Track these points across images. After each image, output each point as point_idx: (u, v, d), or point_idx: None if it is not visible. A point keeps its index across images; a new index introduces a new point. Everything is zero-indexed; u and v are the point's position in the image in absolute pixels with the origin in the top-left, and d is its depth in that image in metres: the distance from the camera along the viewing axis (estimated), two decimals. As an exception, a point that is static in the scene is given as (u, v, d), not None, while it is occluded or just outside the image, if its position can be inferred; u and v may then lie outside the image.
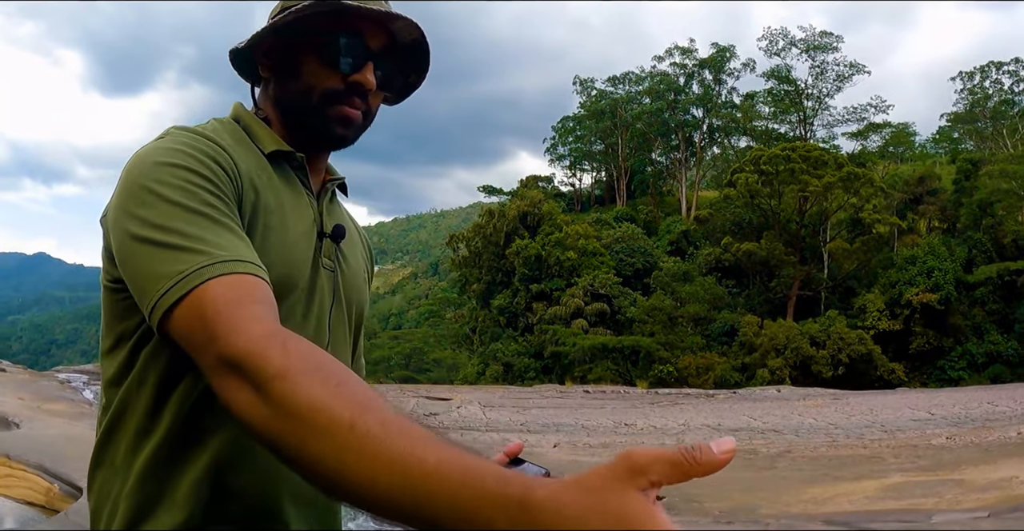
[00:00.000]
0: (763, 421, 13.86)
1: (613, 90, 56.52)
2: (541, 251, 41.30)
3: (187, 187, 0.96)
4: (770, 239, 35.71)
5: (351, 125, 1.17)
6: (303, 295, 1.12)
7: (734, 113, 51.58)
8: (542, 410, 15.46)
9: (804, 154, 34.90)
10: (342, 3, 1.09)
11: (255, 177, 1.10)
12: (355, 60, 1.14)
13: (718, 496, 7.77)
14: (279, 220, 1.11)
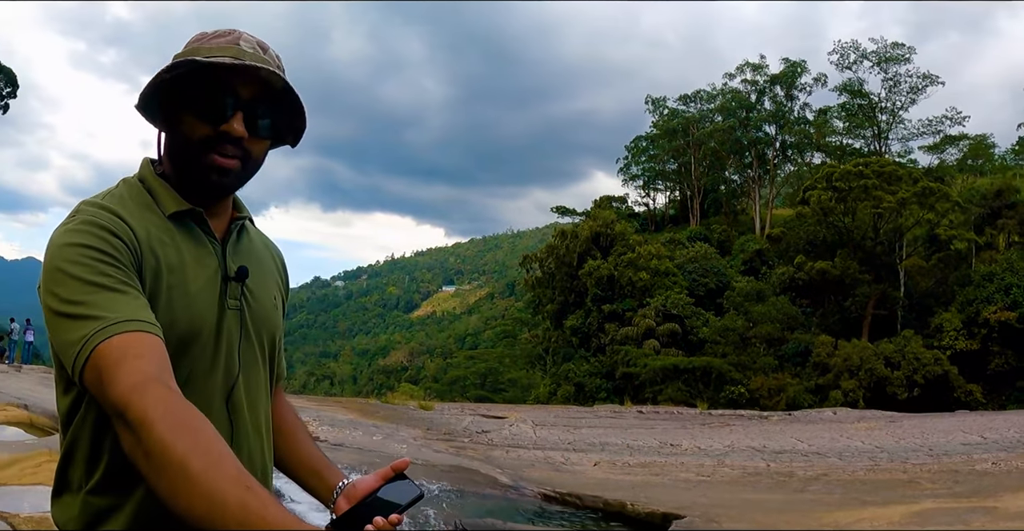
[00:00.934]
0: (809, 443, 13.65)
1: (685, 108, 56.19)
2: (613, 272, 41.16)
3: (87, 262, 1.12)
4: (844, 257, 34.75)
5: (227, 173, 1.27)
6: (211, 338, 1.26)
7: (807, 129, 50.67)
8: (592, 429, 15.56)
9: (877, 169, 34.01)
10: (208, 60, 1.21)
11: (155, 241, 1.23)
12: (223, 110, 1.24)
13: (740, 517, 7.78)
14: (180, 277, 1.24)
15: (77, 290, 1.10)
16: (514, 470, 10.92)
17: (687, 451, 13.03)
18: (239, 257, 1.35)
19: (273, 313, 1.42)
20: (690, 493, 9.44)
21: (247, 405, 1.33)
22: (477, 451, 12.91)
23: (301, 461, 1.49)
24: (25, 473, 6.92)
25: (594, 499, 8.92)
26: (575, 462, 11.79)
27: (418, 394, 52.53)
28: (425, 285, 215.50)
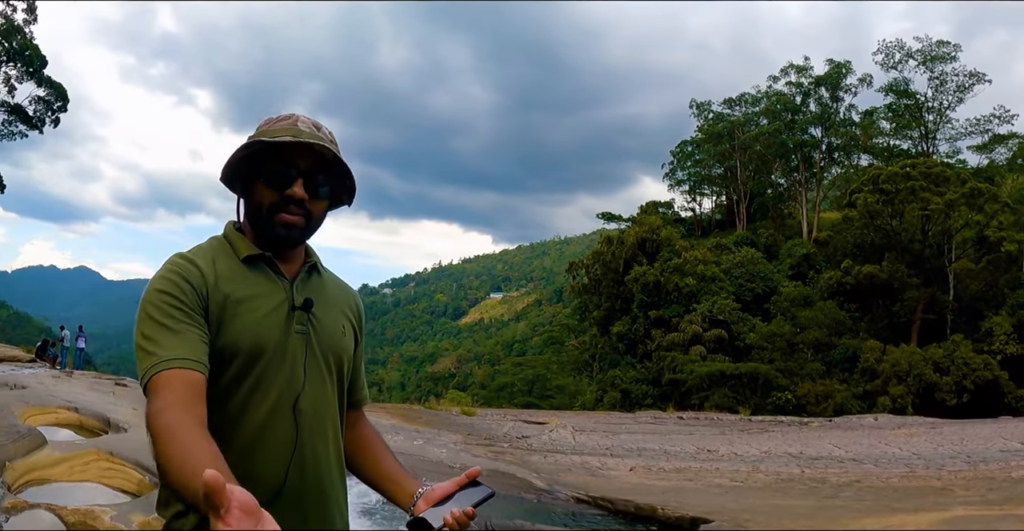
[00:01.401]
0: (846, 450, 13.52)
1: (730, 112, 55.50)
2: (660, 277, 40.97)
3: (161, 306, 1.44)
4: (892, 260, 34.01)
5: (292, 228, 1.57)
6: (275, 355, 1.52)
7: (853, 131, 49.60)
8: (631, 435, 15.60)
9: (924, 171, 33.33)
10: (277, 140, 1.52)
11: (225, 280, 1.53)
12: (286, 179, 1.54)
13: (767, 523, 7.78)
14: (247, 307, 1.52)
15: (149, 328, 1.42)
16: (550, 474, 11.07)
17: (723, 457, 13.05)
18: (307, 291, 1.62)
19: (340, 339, 1.67)
20: (721, 498, 9.49)
21: (313, 413, 1.57)
22: (515, 456, 13.06)
23: (383, 473, 1.73)
24: (74, 471, 7.37)
25: (626, 503, 9.05)
26: (611, 467, 11.89)
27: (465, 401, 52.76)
28: (473, 292, 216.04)
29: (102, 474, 7.32)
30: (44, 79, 49.03)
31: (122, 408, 12.55)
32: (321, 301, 1.65)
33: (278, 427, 1.53)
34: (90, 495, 6.69)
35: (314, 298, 1.62)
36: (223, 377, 1.51)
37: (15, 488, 6.54)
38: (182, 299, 1.46)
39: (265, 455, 1.52)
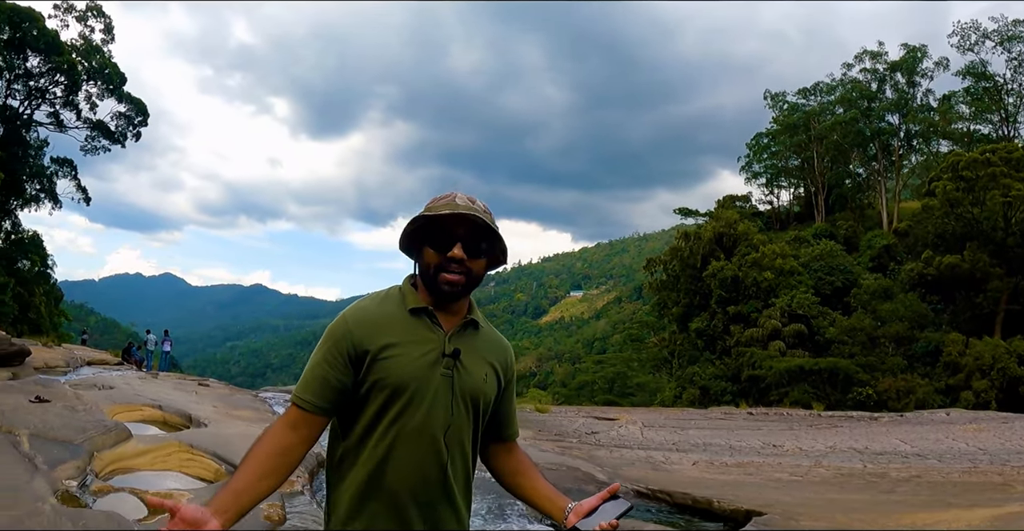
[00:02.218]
0: (911, 445, 13.33)
1: (805, 102, 54.25)
2: (738, 272, 40.38)
3: (325, 344, 1.90)
4: (974, 250, 32.84)
5: (455, 285, 1.89)
6: (417, 392, 1.84)
7: (931, 116, 47.91)
8: (699, 431, 15.73)
9: (1005, 156, 32.11)
10: (438, 214, 1.88)
11: (386, 326, 1.90)
12: (448, 243, 1.89)
13: (819, 515, 7.86)
14: (400, 350, 1.86)
15: (309, 360, 1.93)
16: (613, 468, 11.35)
17: (788, 452, 13.14)
18: (459, 342, 1.92)
19: (481, 384, 1.95)
20: (778, 492, 9.61)
21: (457, 441, 1.90)
22: (582, 451, 13.34)
23: (539, 493, 2.05)
24: (156, 461, 8.19)
25: (683, 496, 9.23)
26: (675, 461, 12.09)
27: (546, 399, 53.09)
28: (553, 291, 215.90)
29: (182, 464, 8.11)
30: (124, 95, 51.02)
31: (203, 406, 13.55)
32: (470, 351, 1.95)
33: (421, 446, 1.85)
34: (170, 482, 7.48)
35: (464, 349, 1.93)
36: (375, 403, 1.87)
37: (102, 475, 7.31)
38: (332, 349, 1.89)
39: (405, 467, 1.85)
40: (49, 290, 49.35)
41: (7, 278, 40.29)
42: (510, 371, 2.10)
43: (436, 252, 1.90)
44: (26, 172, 48.65)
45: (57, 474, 6.45)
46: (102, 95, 50.47)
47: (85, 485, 6.65)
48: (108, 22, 51.09)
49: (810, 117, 52.39)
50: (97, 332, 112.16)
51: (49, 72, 47.27)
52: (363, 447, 1.88)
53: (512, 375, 2.12)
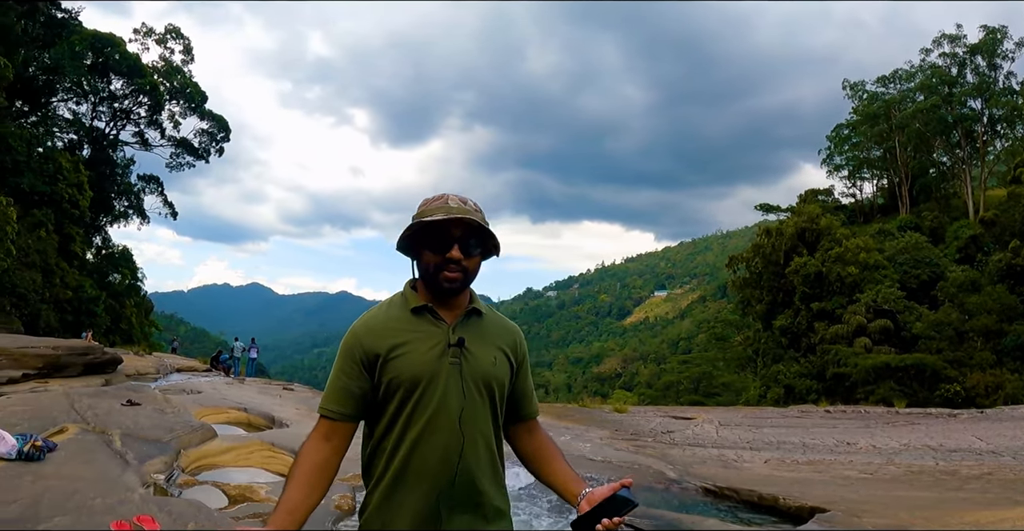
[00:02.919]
0: (987, 442, 13.16)
1: (884, 90, 52.77)
2: (821, 268, 39.65)
3: (340, 356, 2.10)
4: None
5: (454, 282, 2.04)
6: (431, 383, 2.00)
7: (1015, 100, 45.86)
8: (774, 429, 15.72)
9: (1096, 140, 31.17)
10: (433, 219, 2.01)
11: (392, 329, 2.07)
12: (445, 246, 2.03)
13: (881, 512, 7.85)
14: (408, 348, 2.03)
15: (330, 375, 2.15)
16: (684, 466, 11.51)
17: (861, 450, 13.10)
18: (463, 332, 2.08)
19: (491, 368, 2.09)
20: (844, 489, 9.60)
21: (473, 423, 2.03)
22: (656, 449, 13.54)
23: (555, 476, 2.14)
24: (239, 458, 8.88)
25: (750, 493, 9.29)
26: (746, 460, 12.17)
27: (632, 400, 53.01)
28: (636, 291, 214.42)
29: (263, 461, 8.75)
30: (206, 113, 53.11)
31: (286, 408, 14.35)
32: (475, 339, 2.10)
33: (439, 433, 2.00)
34: (251, 477, 8.11)
35: (469, 336, 2.08)
36: (393, 400, 2.04)
37: (188, 470, 7.99)
38: (349, 355, 2.09)
39: (427, 453, 2.00)
40: (140, 302, 51.34)
41: (99, 291, 42.15)
42: (520, 352, 2.23)
43: (434, 254, 2.05)
44: (114, 190, 50.77)
45: (146, 468, 7.09)
46: (184, 113, 52.73)
47: (172, 479, 7.32)
48: (187, 43, 53.17)
49: (890, 106, 51.00)
50: (187, 341, 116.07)
51: (132, 94, 49.64)
52: (387, 442, 2.06)
53: (523, 356, 2.25)
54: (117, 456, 7.38)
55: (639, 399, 56.76)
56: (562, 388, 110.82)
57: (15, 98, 40.74)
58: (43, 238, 35.77)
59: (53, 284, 36.16)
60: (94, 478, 6.15)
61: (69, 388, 13.64)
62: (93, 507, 5.21)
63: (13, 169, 35.07)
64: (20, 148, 35.57)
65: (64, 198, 38.63)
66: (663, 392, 59.28)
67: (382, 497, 2.04)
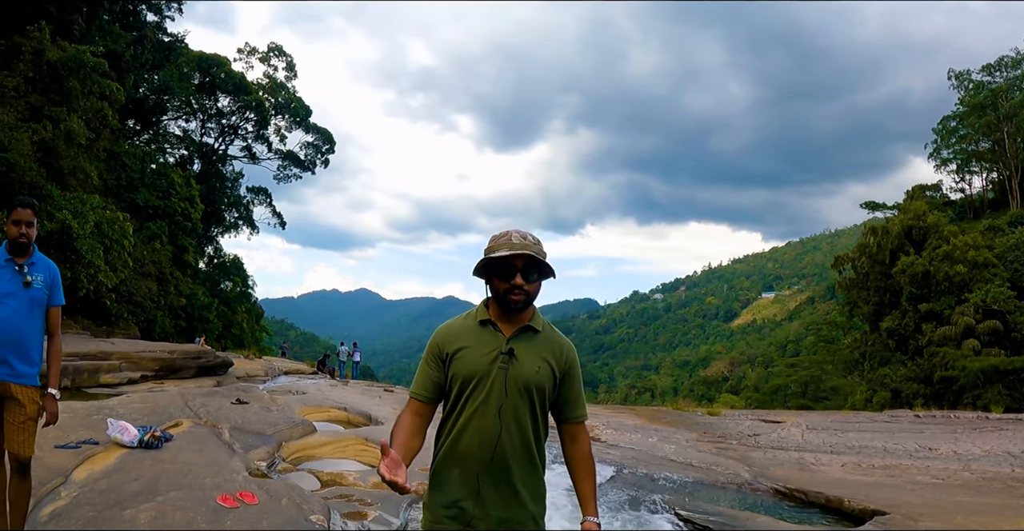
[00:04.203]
0: None
1: (991, 79, 50.17)
2: (928, 267, 38.48)
3: (426, 352, 2.65)
4: None
5: (518, 304, 2.53)
6: (482, 380, 2.50)
7: None
8: (859, 433, 15.69)
9: None
10: (499, 255, 2.48)
11: (460, 336, 2.59)
12: (510, 275, 2.51)
13: (941, 517, 8.00)
14: (468, 352, 2.54)
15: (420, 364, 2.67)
16: (761, 468, 11.80)
17: (940, 455, 13.05)
18: (516, 343, 2.55)
19: (534, 375, 2.54)
20: (911, 494, 9.74)
21: (512, 417, 2.50)
22: (738, 452, 13.83)
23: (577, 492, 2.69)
24: (335, 451, 9.87)
25: (817, 495, 9.54)
26: (824, 463, 12.39)
27: (739, 404, 52.65)
28: (744, 293, 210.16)
29: (357, 453, 9.66)
30: (311, 126, 54.94)
31: (384, 408, 15.31)
32: (525, 350, 2.56)
33: (484, 420, 2.49)
34: (345, 466, 9.03)
35: (520, 348, 2.54)
36: (455, 390, 2.56)
37: (288, 460, 9.05)
38: (431, 353, 2.63)
39: (471, 436, 2.51)
40: (250, 308, 53.41)
41: (212, 298, 44.09)
42: (565, 364, 2.64)
43: (502, 281, 2.53)
44: (225, 202, 52.95)
45: (250, 456, 8.15)
46: (290, 127, 54.77)
47: (273, 466, 8.34)
48: (289, 60, 55.17)
49: (997, 95, 48.76)
50: (297, 345, 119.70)
51: (239, 110, 51.74)
52: (448, 421, 2.59)
53: (569, 368, 2.65)
54: (225, 446, 8.51)
55: (746, 403, 56.19)
56: (668, 392, 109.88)
57: (128, 118, 42.97)
58: (158, 249, 37.69)
59: (168, 292, 38.07)
60: (205, 463, 7.22)
61: (183, 388, 14.98)
62: (203, 485, 6.24)
63: (128, 185, 37.23)
64: (134, 165, 37.81)
65: (177, 211, 40.66)
66: (770, 396, 58.45)
67: (441, 461, 2.59)
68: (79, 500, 5.48)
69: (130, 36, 38.78)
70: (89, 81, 28.20)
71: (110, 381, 15.72)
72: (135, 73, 39.98)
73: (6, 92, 25.02)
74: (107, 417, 8.54)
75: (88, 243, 25.54)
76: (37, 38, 26.10)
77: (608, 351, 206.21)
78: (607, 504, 8.64)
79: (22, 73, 25.89)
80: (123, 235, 29.26)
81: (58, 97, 27.18)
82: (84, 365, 15.43)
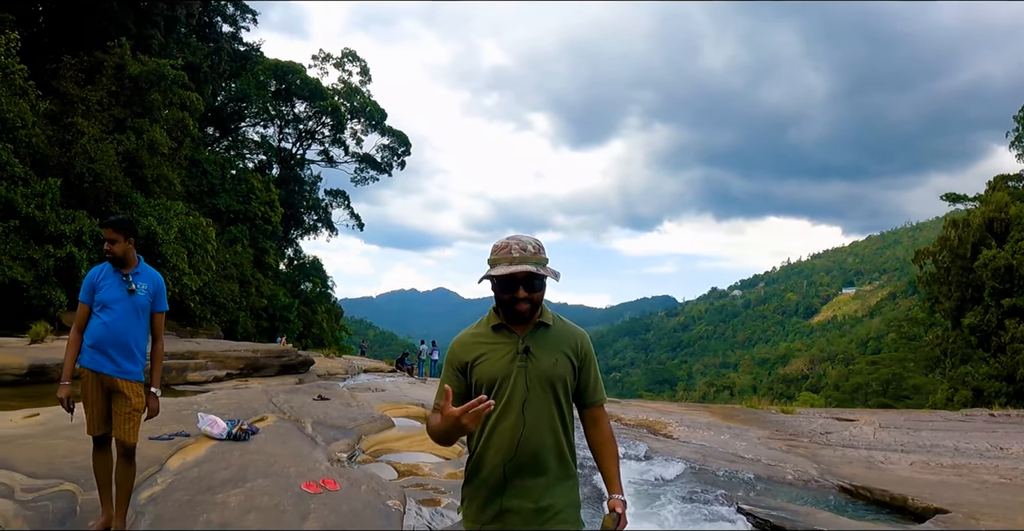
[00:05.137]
0: None
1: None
2: (1011, 260, 37.44)
3: (445, 365, 2.72)
4: None
5: (524, 313, 2.57)
6: (505, 381, 2.56)
7: None
8: (932, 432, 15.54)
9: None
10: (500, 271, 2.52)
11: (477, 343, 2.66)
12: (513, 288, 2.55)
13: (1002, 516, 8.01)
14: (487, 357, 2.61)
15: (441, 376, 2.76)
16: (829, 466, 11.84)
17: (1011, 455, 12.84)
18: (531, 341, 2.61)
19: (552, 368, 2.60)
20: (975, 493, 9.68)
21: (535, 412, 2.56)
22: (808, 449, 13.82)
23: (602, 473, 2.75)
24: (412, 445, 10.52)
25: (882, 492, 9.59)
26: (893, 461, 12.42)
27: (818, 403, 51.93)
28: (824, 289, 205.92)
29: (432, 447, 10.07)
30: (386, 129, 55.94)
31: None
32: (541, 346, 2.62)
33: (507, 420, 2.54)
34: (421, 458, 9.59)
35: (535, 344, 2.60)
36: (481, 393, 2.55)
37: (368, 452, 9.69)
38: (451, 363, 2.69)
39: (500, 434, 2.56)
40: (330, 308, 54.79)
41: (292, 299, 45.43)
42: (581, 352, 2.71)
43: (506, 293, 2.57)
44: (303, 205, 54.55)
45: (332, 448, 8.72)
46: (366, 131, 56.07)
47: (353, 457, 8.93)
48: (363, 65, 56.44)
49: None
50: (376, 344, 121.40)
51: (315, 115, 53.13)
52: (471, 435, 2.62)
53: (584, 355, 2.72)
54: (308, 439, 9.16)
55: (825, 402, 55.34)
56: (747, 390, 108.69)
57: (207, 126, 44.80)
58: (239, 252, 39.28)
59: (249, 293, 39.52)
60: (289, 454, 7.85)
61: (267, 386, 15.79)
62: (288, 473, 6.85)
63: (210, 191, 38.94)
64: (215, 172, 39.52)
65: (257, 215, 42.17)
66: (850, 395, 57.48)
67: (475, 456, 2.65)
68: (174, 486, 6.10)
69: (207, 48, 40.40)
70: (169, 93, 29.69)
71: (197, 379, 16.63)
72: (213, 83, 41.49)
73: (91, 106, 26.50)
74: (197, 412, 9.26)
75: (172, 248, 26.80)
76: (118, 53, 27.66)
77: (686, 349, 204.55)
78: (673, 496, 9.00)
79: (105, 87, 27.42)
80: (206, 239, 30.54)
81: (140, 109, 28.69)
82: (172, 364, 16.39)
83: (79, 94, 26.26)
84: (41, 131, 23.61)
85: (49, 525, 4.91)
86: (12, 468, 5.94)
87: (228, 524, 5.31)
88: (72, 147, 24.79)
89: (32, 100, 23.36)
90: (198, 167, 38.33)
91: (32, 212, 21.67)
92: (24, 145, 22.58)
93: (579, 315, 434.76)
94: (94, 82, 27.37)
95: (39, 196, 22.18)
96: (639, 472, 10.57)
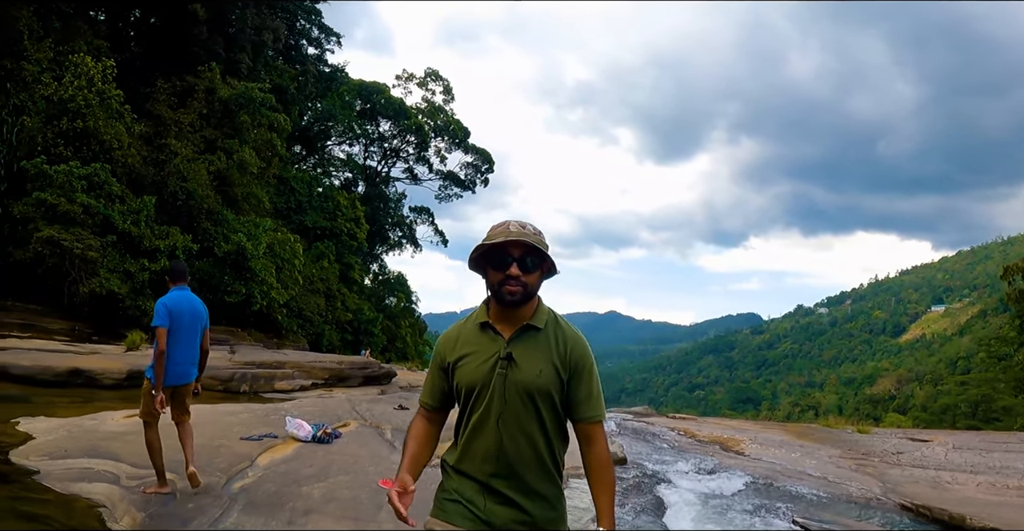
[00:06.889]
0: None
1: None
2: None
3: (432, 360, 2.56)
4: None
5: (514, 295, 2.34)
6: (483, 388, 2.36)
7: None
8: (1005, 453, 15.28)
9: None
10: (494, 243, 2.33)
11: (462, 341, 2.47)
12: (505, 264, 2.34)
13: None
14: (469, 359, 2.41)
15: (428, 372, 2.62)
16: (894, 485, 11.85)
17: None
18: (516, 346, 2.38)
19: (535, 378, 2.35)
20: None
21: (513, 424, 2.35)
22: (876, 468, 13.77)
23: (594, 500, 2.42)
24: None
25: (941, 511, 9.59)
26: (960, 482, 12.32)
27: (906, 424, 50.76)
28: (912, 306, 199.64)
29: None
30: (469, 147, 56.73)
31: None
32: (525, 353, 2.37)
33: (485, 430, 2.36)
34: None
35: (520, 351, 2.37)
36: (460, 398, 2.45)
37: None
38: (436, 360, 2.54)
39: (477, 445, 2.39)
40: (414, 322, 55.36)
41: (377, 313, 46.30)
42: (573, 362, 2.41)
43: (498, 271, 2.37)
44: (388, 222, 55.54)
45: None
46: (450, 148, 56.94)
47: None
48: (447, 84, 57.41)
49: None
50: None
51: (400, 134, 54.19)
52: (460, 425, 2.48)
53: (576, 364, 2.42)
54: (387, 443, 9.90)
55: (913, 423, 54.04)
56: (832, 410, 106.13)
57: (294, 144, 46.23)
58: (326, 267, 40.21)
59: (335, 307, 40.50)
60: (368, 455, 8.62)
61: (350, 395, 16.45)
62: (367, 471, 7.64)
63: (297, 208, 40.22)
64: (302, 189, 40.81)
65: (343, 231, 43.21)
66: (939, 416, 55.95)
67: (455, 460, 2.50)
68: (263, 479, 7.00)
69: (294, 70, 41.90)
70: (258, 114, 31.14)
71: (283, 387, 17.51)
72: (300, 103, 42.90)
73: (183, 128, 28.10)
74: (284, 416, 10.11)
75: (261, 263, 28.13)
76: (208, 78, 29.27)
77: (771, 367, 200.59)
78: (731, 509, 9.38)
79: (197, 110, 28.98)
80: (293, 255, 31.80)
81: (230, 130, 30.22)
82: (260, 373, 17.43)
83: (172, 117, 27.88)
84: (136, 152, 25.31)
85: (151, 507, 5.87)
86: (118, 459, 7.07)
87: (311, 511, 6.15)
88: (166, 167, 26.41)
89: (128, 123, 25.05)
90: (286, 185, 39.65)
91: (128, 228, 23.42)
92: (121, 165, 24.26)
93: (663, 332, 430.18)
94: (186, 105, 28.92)
95: (135, 213, 23.87)
96: (702, 485, 11.03)
